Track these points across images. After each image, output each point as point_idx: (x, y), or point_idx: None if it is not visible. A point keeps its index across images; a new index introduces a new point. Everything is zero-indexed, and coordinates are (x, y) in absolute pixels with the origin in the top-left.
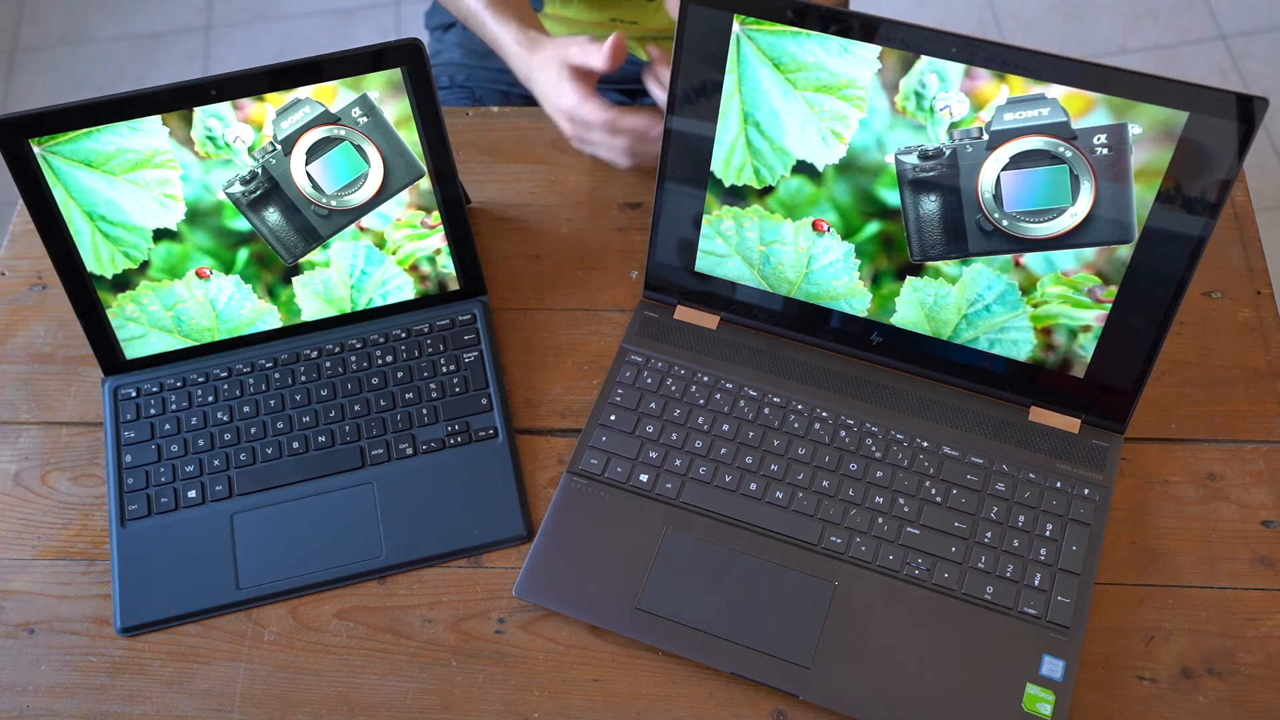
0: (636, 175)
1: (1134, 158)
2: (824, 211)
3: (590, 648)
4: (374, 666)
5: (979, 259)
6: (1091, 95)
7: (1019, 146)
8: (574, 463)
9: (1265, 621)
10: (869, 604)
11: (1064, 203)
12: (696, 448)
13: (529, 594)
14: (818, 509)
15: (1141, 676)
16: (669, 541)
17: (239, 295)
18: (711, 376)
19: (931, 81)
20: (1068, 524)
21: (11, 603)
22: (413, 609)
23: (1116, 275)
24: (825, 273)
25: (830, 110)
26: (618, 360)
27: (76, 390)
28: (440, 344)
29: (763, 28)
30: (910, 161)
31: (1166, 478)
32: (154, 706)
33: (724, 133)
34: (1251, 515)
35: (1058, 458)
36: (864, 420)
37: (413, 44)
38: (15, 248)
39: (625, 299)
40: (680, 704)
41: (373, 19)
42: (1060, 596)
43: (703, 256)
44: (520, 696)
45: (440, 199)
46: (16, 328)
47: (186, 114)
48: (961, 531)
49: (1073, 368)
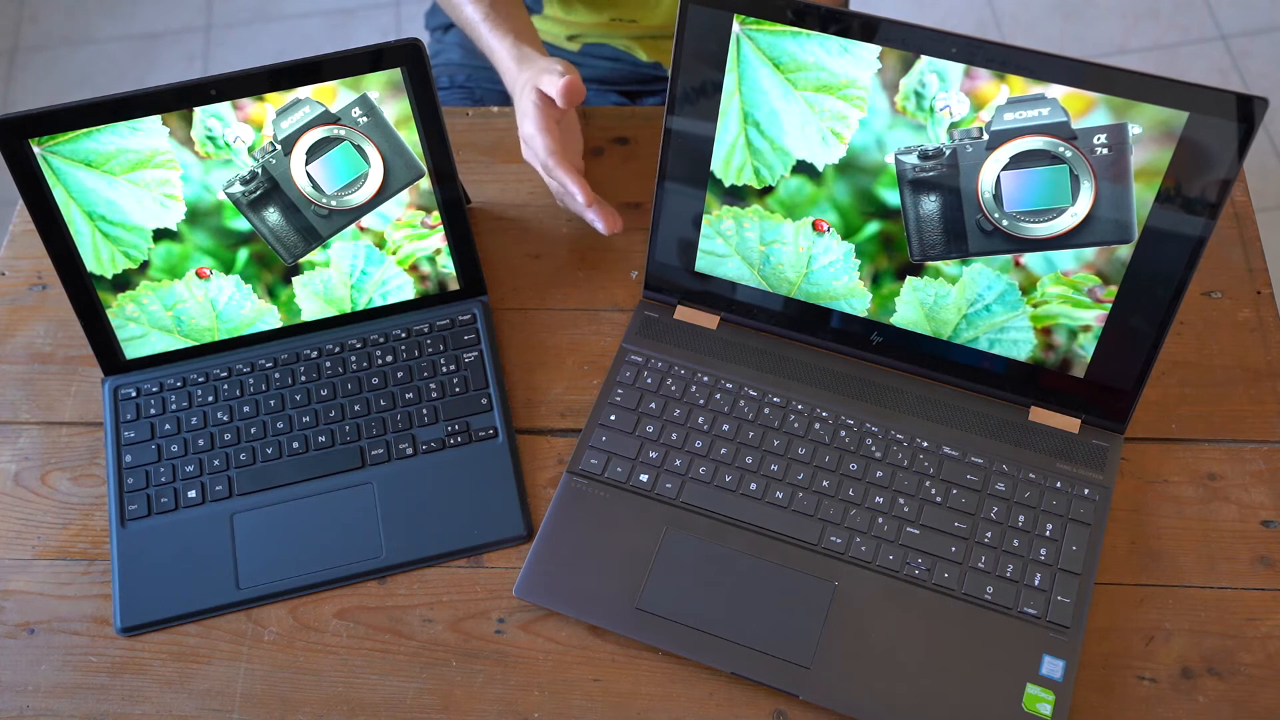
0: (637, 175)
1: (1134, 158)
2: (824, 211)
3: (590, 648)
4: (374, 666)
5: (979, 259)
6: (1091, 95)
7: (1019, 146)
8: (574, 463)
9: (1265, 621)
10: (869, 604)
11: (1064, 203)
12: (696, 448)
13: (529, 594)
14: (818, 509)
15: (1141, 676)
16: (669, 541)
17: (239, 295)
18: (711, 376)
19: (931, 81)
20: (1068, 524)
21: (11, 603)
22: (413, 609)
23: (1116, 275)
24: (825, 273)
25: (830, 110)
26: (618, 360)
27: (76, 390)
28: (440, 344)
29: (763, 28)
30: (910, 161)
31: (1166, 478)
32: (154, 707)
33: (724, 133)
34: (1251, 515)
35: (1058, 458)
36: (864, 420)
37: (412, 44)
38: (15, 248)
39: (625, 299)
40: (680, 704)
41: (373, 19)
42: (1060, 596)
43: (703, 256)
44: (520, 696)
45: (440, 199)
46: (16, 328)
47: (187, 114)
48: (961, 531)
49: (1073, 368)
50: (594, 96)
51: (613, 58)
